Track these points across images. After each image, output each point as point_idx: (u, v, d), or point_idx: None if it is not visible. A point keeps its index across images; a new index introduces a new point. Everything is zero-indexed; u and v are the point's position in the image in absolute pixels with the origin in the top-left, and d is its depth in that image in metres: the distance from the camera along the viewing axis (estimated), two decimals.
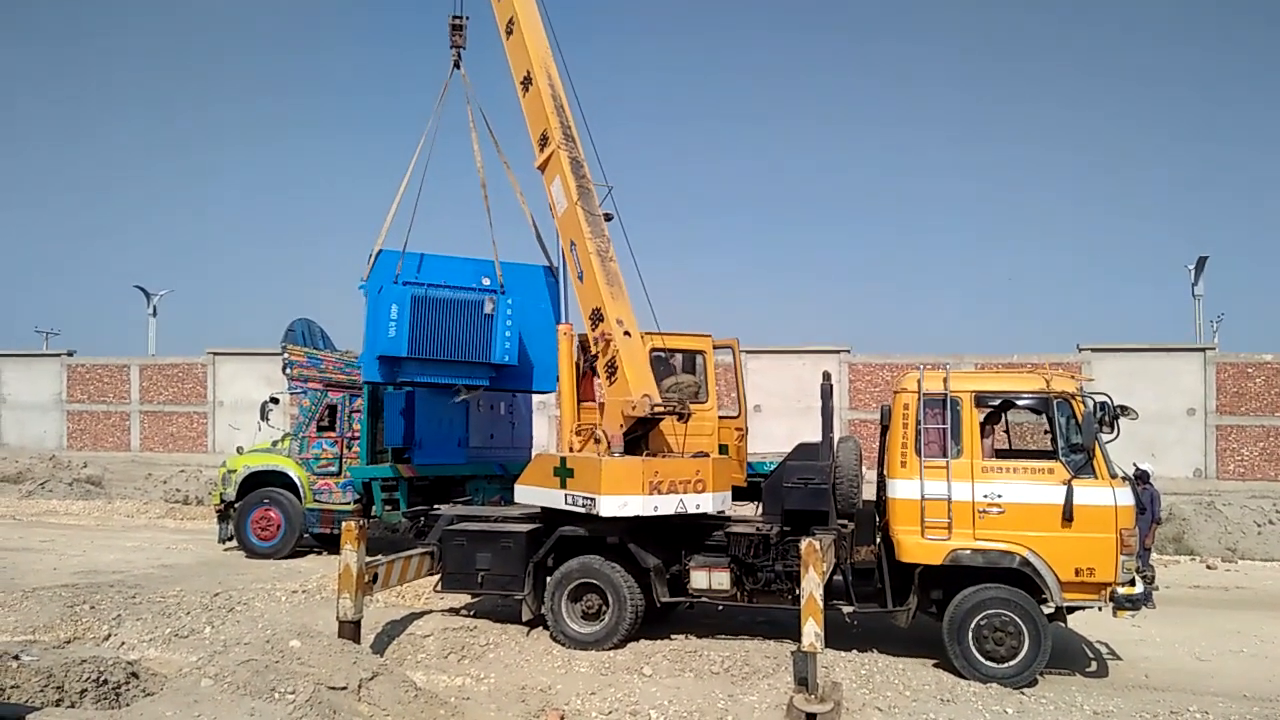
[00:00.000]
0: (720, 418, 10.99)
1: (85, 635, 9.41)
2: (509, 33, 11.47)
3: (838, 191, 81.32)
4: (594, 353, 9.89)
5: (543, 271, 13.70)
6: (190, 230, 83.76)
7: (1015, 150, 77.42)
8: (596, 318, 9.87)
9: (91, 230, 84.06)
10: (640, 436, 9.65)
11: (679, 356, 11.02)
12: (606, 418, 9.60)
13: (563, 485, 9.34)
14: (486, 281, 13.06)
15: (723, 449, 10.53)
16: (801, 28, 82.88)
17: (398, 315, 12.04)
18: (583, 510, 9.04)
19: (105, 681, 6.86)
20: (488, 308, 12.57)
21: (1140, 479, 11.83)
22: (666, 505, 9.01)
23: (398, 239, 12.79)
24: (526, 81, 11.12)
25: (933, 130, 77.86)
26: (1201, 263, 32.62)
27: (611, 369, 9.62)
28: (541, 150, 10.80)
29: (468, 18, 13.22)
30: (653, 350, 10.39)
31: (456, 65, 13.30)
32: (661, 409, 9.45)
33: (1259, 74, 69.20)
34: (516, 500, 10.12)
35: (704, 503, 9.28)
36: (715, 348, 11.24)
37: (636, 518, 8.85)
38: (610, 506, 8.78)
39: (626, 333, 9.78)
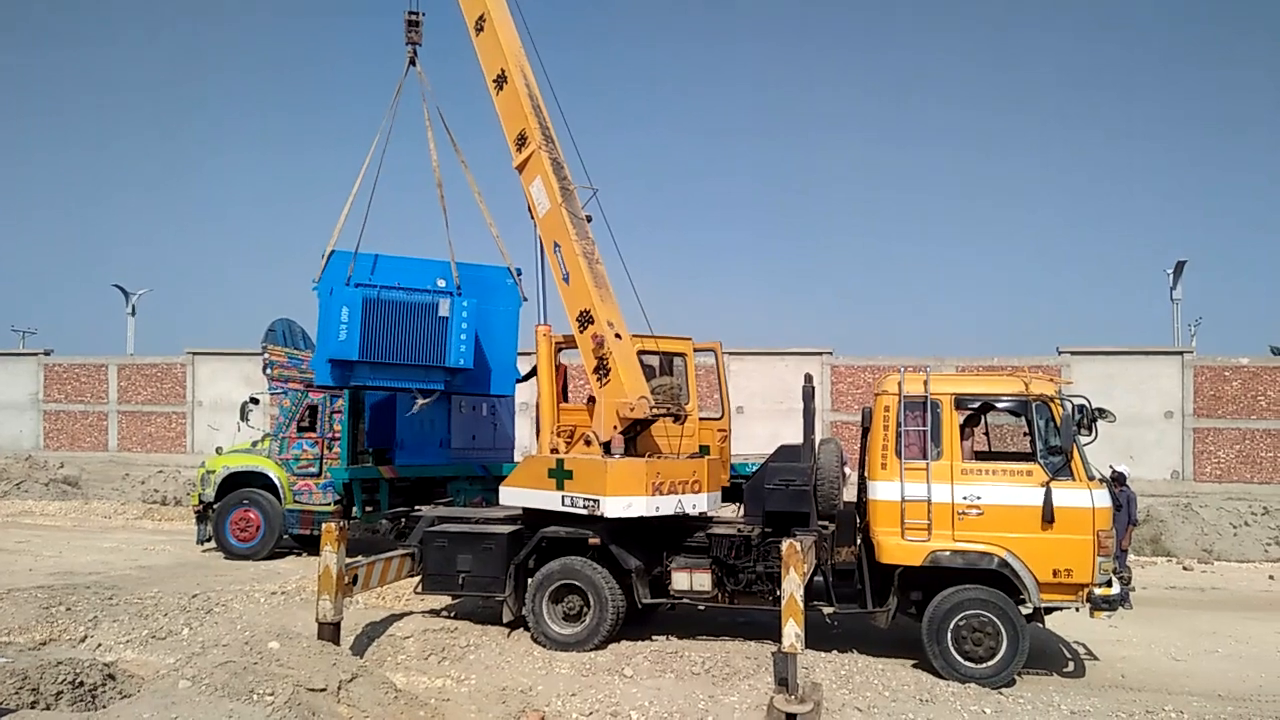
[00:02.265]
0: (702, 419, 11.00)
1: (61, 637, 9.33)
2: (479, 30, 11.20)
3: (821, 195, 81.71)
4: (602, 354, 9.64)
5: (503, 273, 13.44)
6: (169, 229, 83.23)
7: (996, 155, 78.06)
8: (585, 319, 9.76)
9: (70, 229, 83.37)
10: (631, 438, 9.63)
11: (658, 359, 10.99)
12: (597, 419, 9.55)
13: (559, 487, 9.27)
14: (442, 283, 12.83)
15: (704, 450, 10.53)
16: (789, 36, 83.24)
17: (348, 318, 11.82)
18: (584, 512, 9.01)
19: (81, 683, 6.82)
20: (442, 310, 12.31)
21: (1117, 481, 11.88)
22: (667, 506, 9.09)
23: (351, 240, 12.64)
24: (500, 80, 10.87)
25: (915, 136, 78.34)
26: (1180, 267, 32.94)
27: (603, 371, 9.57)
28: (519, 150, 10.58)
29: (424, 14, 13.02)
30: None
31: (412, 62, 13.08)
32: (659, 410, 9.48)
33: (1237, 80, 70.04)
34: (502, 502, 10.02)
35: (700, 503, 9.41)
36: (697, 350, 11.24)
37: (623, 519, 8.84)
38: (615, 508, 8.79)
39: (617, 335, 9.71)
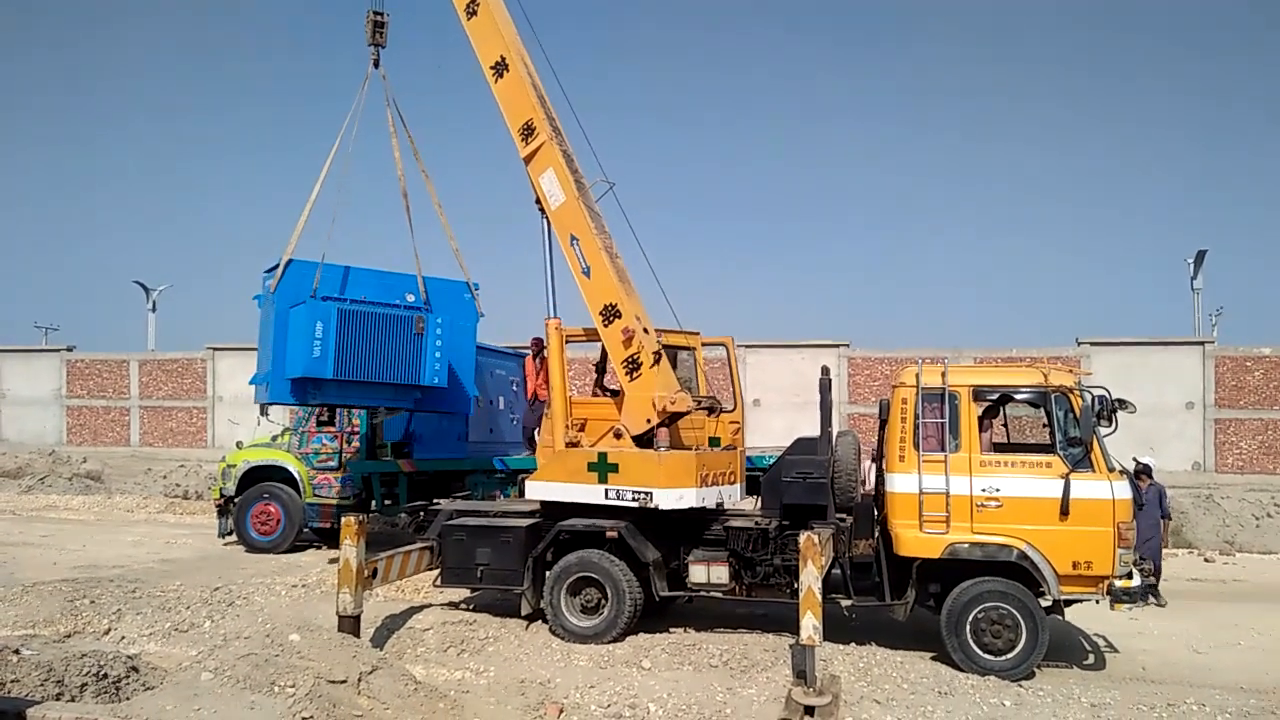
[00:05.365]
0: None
1: (85, 629, 9.43)
2: (471, 13, 10.80)
3: (838, 186, 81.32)
4: (633, 348, 9.56)
5: (462, 287, 13.06)
6: (190, 225, 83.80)
7: (1014, 144, 77.45)
8: (611, 313, 9.65)
9: (91, 226, 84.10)
10: (655, 431, 9.59)
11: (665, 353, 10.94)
12: (628, 412, 9.54)
13: (602, 480, 9.26)
14: (411, 298, 12.40)
15: (714, 442, 10.56)
16: (802, 26, 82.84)
17: (323, 333, 11.17)
18: (634, 505, 9.06)
19: (105, 675, 6.88)
20: (418, 326, 11.93)
21: (1143, 473, 11.54)
22: (710, 497, 9.29)
23: (305, 249, 11.93)
24: (499, 67, 10.51)
25: (932, 125, 77.82)
26: (1201, 256, 32.56)
27: (634, 365, 9.53)
28: (525, 142, 10.28)
29: (389, 15, 12.56)
30: None
31: (376, 65, 12.57)
32: (697, 405, 9.58)
33: (1258, 68, 69.16)
34: (529, 496, 9.94)
35: (734, 494, 9.74)
36: (707, 345, 11.22)
37: (675, 510, 8.97)
38: (668, 500, 8.90)
39: (645, 329, 9.67)
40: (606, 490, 9.23)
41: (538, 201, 10.29)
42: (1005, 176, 78.47)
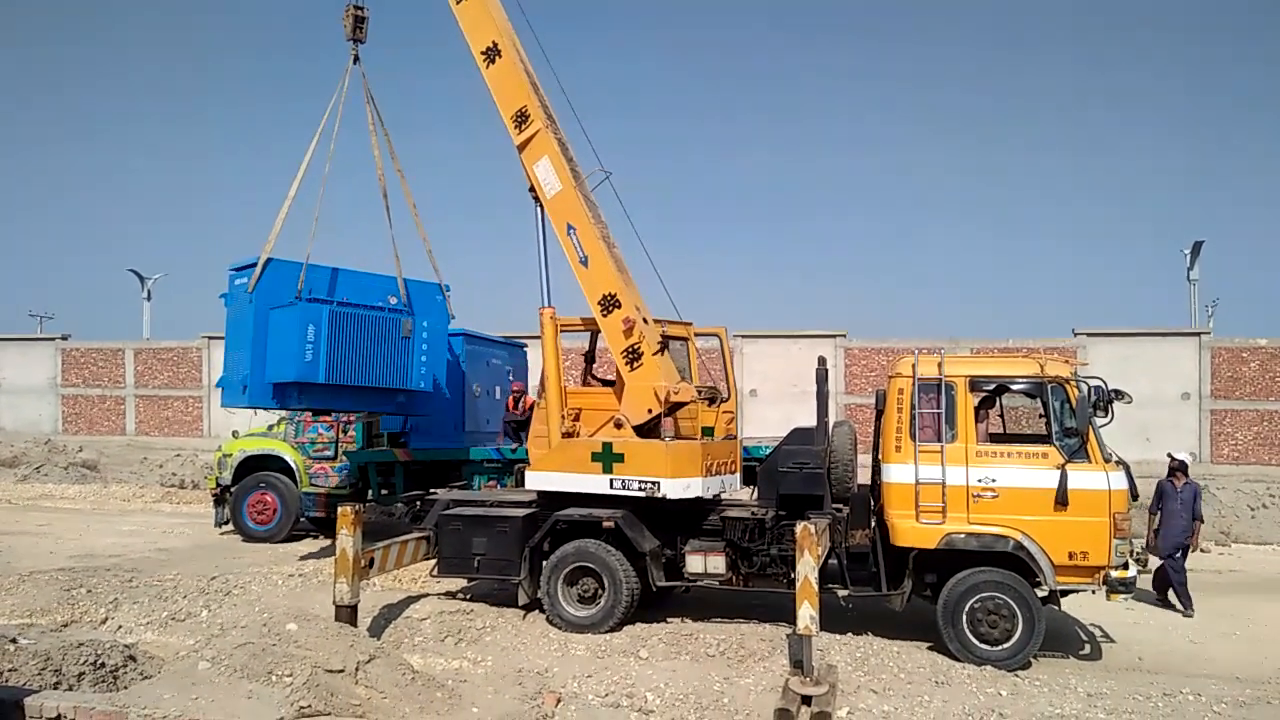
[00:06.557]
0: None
1: (82, 618, 9.42)
2: None
3: (835, 177, 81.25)
4: (634, 338, 9.54)
5: (434, 289, 12.98)
6: (185, 215, 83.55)
7: (1011, 135, 77.36)
8: (611, 303, 9.62)
9: (86, 215, 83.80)
10: (657, 421, 9.60)
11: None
12: (628, 402, 9.53)
13: (606, 470, 9.26)
14: (393, 300, 12.27)
15: (708, 431, 10.57)
16: (801, 23, 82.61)
17: (314, 336, 10.91)
18: (641, 494, 9.08)
19: (103, 664, 6.90)
20: (405, 330, 11.79)
21: (1178, 470, 11.09)
22: (714, 486, 9.40)
23: (278, 248, 11.60)
24: (491, 52, 10.36)
25: (928, 117, 77.70)
26: (1197, 247, 32.61)
27: (634, 355, 9.53)
28: (519, 129, 10.16)
29: (368, 10, 12.36)
30: None
31: (355, 60, 12.39)
32: (699, 395, 9.68)
33: (1254, 60, 69.09)
34: (529, 486, 9.89)
35: (734, 483, 9.92)
36: (700, 335, 11.22)
37: (682, 500, 9.03)
38: (675, 489, 8.95)
39: (644, 319, 9.67)
40: (611, 480, 9.23)
41: (531, 190, 10.19)
42: (1002, 168, 78.51)
